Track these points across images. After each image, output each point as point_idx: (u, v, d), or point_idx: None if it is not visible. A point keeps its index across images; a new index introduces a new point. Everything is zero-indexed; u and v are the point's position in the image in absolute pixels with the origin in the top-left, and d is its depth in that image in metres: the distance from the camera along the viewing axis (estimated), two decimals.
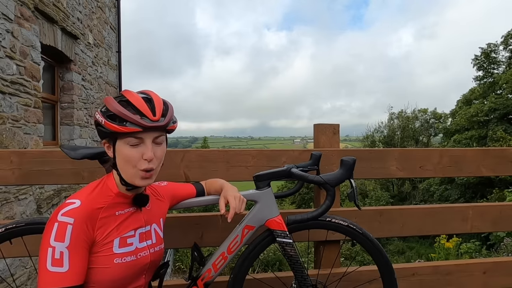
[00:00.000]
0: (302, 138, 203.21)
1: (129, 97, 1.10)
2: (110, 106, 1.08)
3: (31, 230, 1.40)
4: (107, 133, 1.10)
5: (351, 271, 1.73)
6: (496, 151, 2.06)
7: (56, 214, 1.03)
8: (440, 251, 4.20)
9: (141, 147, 1.10)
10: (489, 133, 20.40)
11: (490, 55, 22.04)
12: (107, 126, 1.08)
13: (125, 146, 1.09)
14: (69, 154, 1.39)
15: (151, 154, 1.10)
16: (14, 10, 4.08)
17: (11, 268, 3.86)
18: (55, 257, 0.99)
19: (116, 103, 1.09)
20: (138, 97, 1.11)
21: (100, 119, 1.09)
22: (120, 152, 1.10)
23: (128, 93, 1.13)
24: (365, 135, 29.80)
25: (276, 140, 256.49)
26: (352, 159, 1.33)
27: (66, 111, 5.96)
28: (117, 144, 1.10)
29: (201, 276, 1.39)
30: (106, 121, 1.08)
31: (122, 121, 1.07)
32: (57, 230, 1.01)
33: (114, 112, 1.07)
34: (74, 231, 1.02)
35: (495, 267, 2.03)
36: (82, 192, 1.12)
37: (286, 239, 1.40)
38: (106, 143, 1.14)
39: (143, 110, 1.08)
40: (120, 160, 1.11)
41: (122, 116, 1.06)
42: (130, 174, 1.11)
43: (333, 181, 1.31)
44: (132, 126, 1.06)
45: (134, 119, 1.06)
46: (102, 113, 1.10)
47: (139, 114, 1.08)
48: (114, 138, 1.10)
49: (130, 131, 1.07)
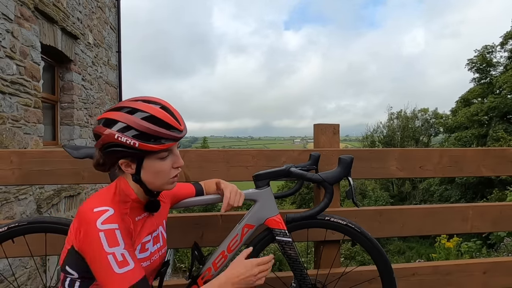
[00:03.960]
0: (302, 138, 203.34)
1: (152, 112, 1.04)
2: (138, 125, 1.02)
3: (33, 229, 1.40)
4: (130, 153, 1.04)
5: (350, 271, 1.74)
6: (496, 151, 2.06)
7: (93, 225, 0.99)
8: (440, 251, 4.20)
9: (170, 157, 1.09)
10: (489, 132, 20.41)
11: (486, 57, 22.01)
12: (142, 148, 1.02)
13: (155, 162, 1.07)
14: (71, 153, 1.40)
15: (182, 161, 1.12)
16: (14, 10, 4.09)
17: (11, 268, 3.85)
18: (118, 260, 0.99)
19: (144, 121, 1.02)
20: (159, 110, 1.05)
21: (129, 141, 1.01)
22: (149, 168, 1.07)
23: (145, 106, 1.05)
24: (365, 135, 29.82)
25: (276, 140, 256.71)
26: (349, 157, 1.34)
27: (66, 111, 5.96)
28: (146, 161, 1.06)
29: (201, 275, 1.40)
30: (140, 142, 1.01)
31: (157, 140, 1.03)
32: (107, 238, 0.99)
33: (145, 132, 1.02)
34: (123, 234, 1.02)
35: (495, 267, 2.03)
36: (104, 199, 1.07)
37: (285, 237, 1.41)
38: (125, 161, 1.07)
39: (171, 122, 1.05)
40: (148, 174, 1.08)
41: (158, 135, 1.03)
42: (160, 184, 1.11)
43: (331, 179, 1.33)
44: (168, 142, 1.05)
45: (169, 135, 1.04)
46: (126, 134, 1.02)
47: (169, 128, 1.05)
48: (141, 157, 1.06)
49: (167, 147, 1.05)
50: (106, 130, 1.03)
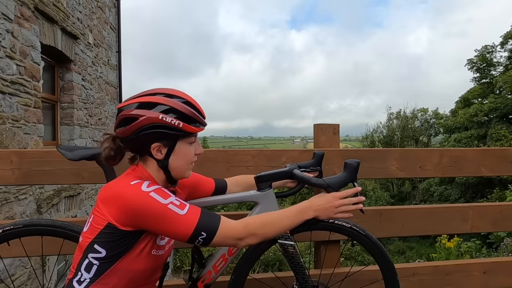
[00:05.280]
0: (302, 138, 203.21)
1: (188, 99, 1.14)
2: (181, 107, 1.10)
3: (29, 231, 1.39)
4: (170, 135, 1.11)
5: (354, 272, 1.73)
6: (496, 151, 2.07)
7: (140, 192, 1.05)
8: (441, 251, 4.20)
9: (195, 143, 1.19)
10: (489, 131, 20.39)
11: (486, 57, 22.00)
12: (185, 129, 1.11)
13: (185, 145, 1.15)
14: (65, 155, 1.37)
15: (202, 149, 1.22)
16: (14, 10, 4.08)
17: (11, 268, 3.85)
18: (178, 205, 1.07)
19: (185, 106, 1.11)
20: (191, 98, 1.15)
21: (175, 121, 1.09)
22: (180, 151, 1.15)
23: (182, 94, 1.15)
24: (365, 135, 29.79)
25: (276, 140, 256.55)
26: (356, 162, 1.30)
27: (66, 111, 5.95)
28: (178, 144, 1.14)
29: (202, 278, 1.38)
30: (184, 123, 1.10)
31: (195, 122, 1.13)
32: (159, 194, 1.06)
33: (187, 113, 1.11)
34: (167, 190, 1.11)
35: (495, 267, 2.03)
36: (131, 178, 1.11)
37: (287, 241, 1.38)
38: (158, 145, 1.12)
39: (201, 110, 1.16)
40: (178, 158, 1.15)
41: (196, 118, 1.13)
42: (183, 170, 1.18)
43: (335, 184, 1.29)
44: (201, 126, 1.16)
45: (202, 120, 1.15)
46: (170, 116, 1.09)
47: (201, 114, 1.16)
48: (175, 140, 1.13)
49: (200, 130, 1.15)
50: (148, 112, 1.08)
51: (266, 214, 1.24)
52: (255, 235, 1.15)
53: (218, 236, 1.10)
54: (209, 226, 1.09)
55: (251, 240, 1.15)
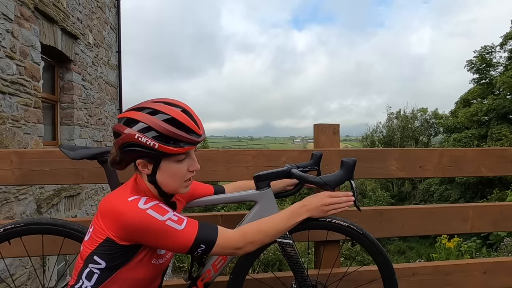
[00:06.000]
0: (302, 138, 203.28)
1: (173, 114, 1.06)
2: (159, 127, 1.03)
3: (30, 230, 1.39)
4: (149, 154, 1.05)
5: (351, 271, 1.73)
6: (496, 151, 2.06)
7: (137, 209, 1.03)
8: (441, 251, 4.20)
9: (187, 160, 1.12)
10: (489, 131, 20.40)
11: (485, 58, 21.99)
12: (161, 149, 1.04)
13: (172, 164, 1.09)
14: (68, 154, 1.39)
15: (198, 166, 1.15)
16: (14, 10, 4.08)
17: (11, 268, 3.86)
18: (175, 220, 1.06)
19: (165, 123, 1.04)
20: (180, 113, 1.07)
21: (149, 142, 1.03)
22: (166, 170, 1.09)
23: (167, 108, 1.07)
24: (365, 135, 29.80)
25: (276, 140, 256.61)
26: (352, 160, 1.32)
27: (66, 111, 5.96)
28: (163, 163, 1.08)
29: (201, 277, 1.39)
30: (160, 144, 1.03)
31: (177, 142, 1.05)
32: (156, 211, 1.05)
33: (165, 134, 1.04)
34: (165, 205, 1.09)
35: (495, 267, 2.03)
36: (130, 191, 1.10)
37: (286, 239, 1.39)
38: (143, 162, 1.09)
39: (191, 126, 1.08)
40: (164, 176, 1.10)
41: (177, 138, 1.05)
42: (175, 187, 1.14)
43: (332, 182, 1.31)
44: (187, 146, 1.07)
45: (188, 139, 1.06)
46: (147, 135, 1.03)
47: (188, 131, 1.07)
48: (158, 158, 1.07)
49: (186, 151, 1.07)
50: (127, 129, 1.06)
51: (262, 220, 1.25)
52: (253, 242, 1.17)
53: (217, 247, 1.11)
54: (208, 238, 1.09)
55: (249, 248, 1.18)
